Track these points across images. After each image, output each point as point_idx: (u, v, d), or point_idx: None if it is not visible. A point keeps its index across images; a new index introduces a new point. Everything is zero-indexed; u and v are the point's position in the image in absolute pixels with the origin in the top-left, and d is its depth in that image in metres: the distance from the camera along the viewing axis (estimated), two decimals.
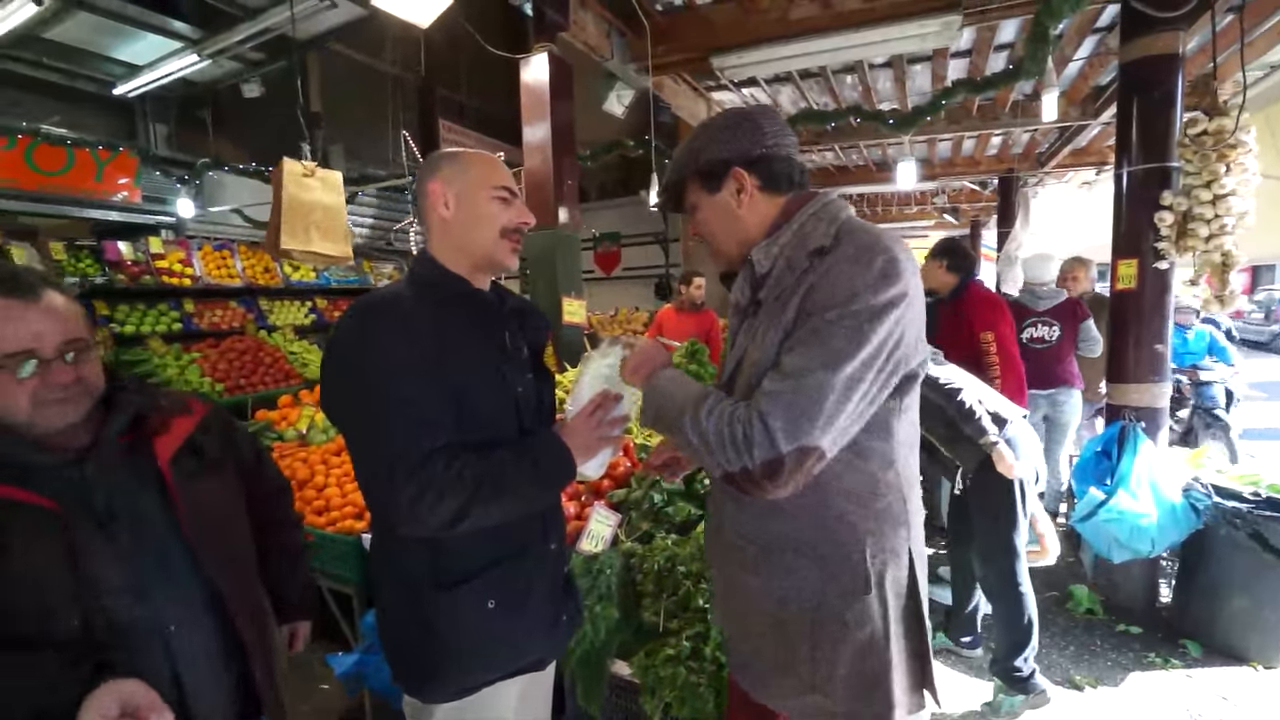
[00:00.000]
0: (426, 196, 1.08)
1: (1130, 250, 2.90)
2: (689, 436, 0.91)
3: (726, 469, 0.87)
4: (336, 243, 2.74)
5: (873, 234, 0.91)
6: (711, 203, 1.03)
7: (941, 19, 2.99)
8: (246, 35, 4.40)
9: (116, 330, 4.21)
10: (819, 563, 0.95)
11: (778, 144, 1.00)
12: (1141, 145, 2.84)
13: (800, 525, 0.96)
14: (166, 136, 5.75)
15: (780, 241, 0.97)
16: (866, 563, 0.94)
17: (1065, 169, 7.44)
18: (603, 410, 1.11)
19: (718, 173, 1.00)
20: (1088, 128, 5.60)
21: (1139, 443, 2.81)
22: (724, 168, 0.99)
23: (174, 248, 4.82)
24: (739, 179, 0.99)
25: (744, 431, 0.84)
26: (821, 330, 0.85)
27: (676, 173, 1.05)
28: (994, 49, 4.11)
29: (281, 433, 3.14)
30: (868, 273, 0.85)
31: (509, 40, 3.54)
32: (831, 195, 1.00)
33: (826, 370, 0.82)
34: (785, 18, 3.40)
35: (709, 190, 1.02)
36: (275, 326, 5.18)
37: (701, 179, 1.02)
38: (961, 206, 10.83)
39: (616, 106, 4.25)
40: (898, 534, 0.96)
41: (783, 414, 0.82)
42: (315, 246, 2.67)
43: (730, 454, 0.85)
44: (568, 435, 1.07)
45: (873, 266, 0.85)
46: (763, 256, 0.99)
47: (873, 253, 0.87)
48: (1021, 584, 2.19)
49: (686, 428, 0.91)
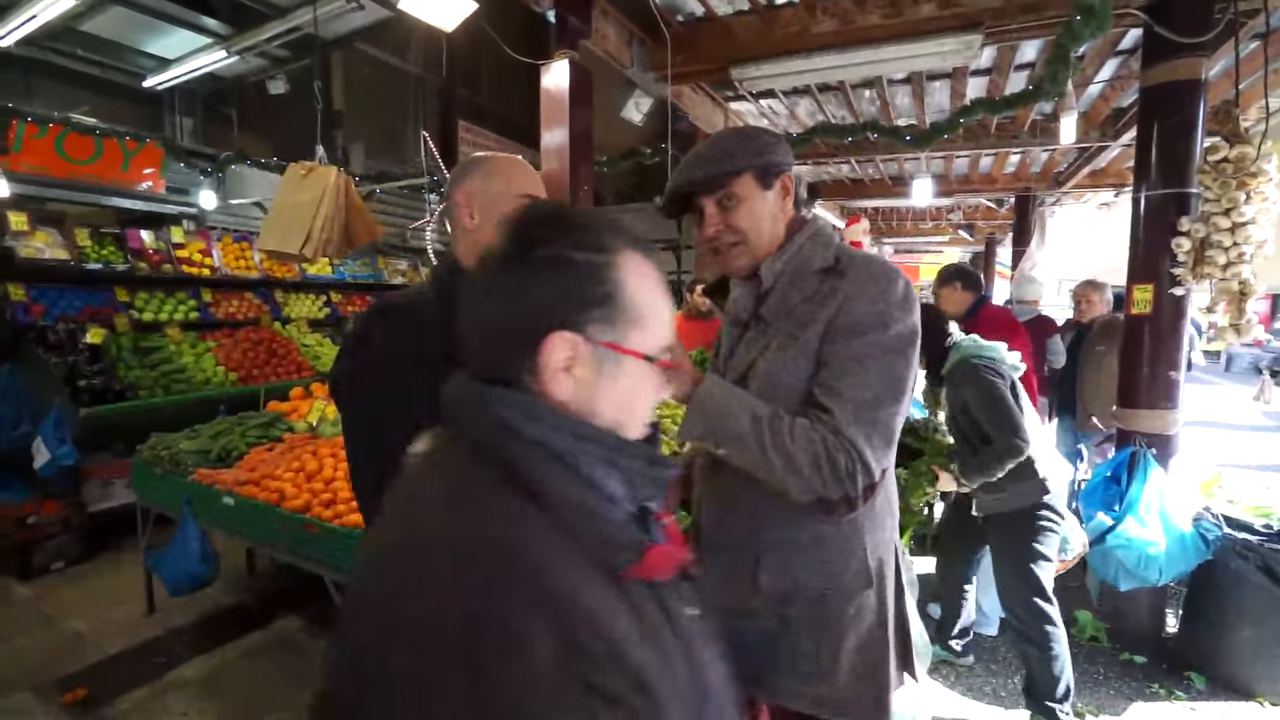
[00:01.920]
0: (454, 206, 1.11)
1: (1146, 275, 2.88)
2: (766, 457, 0.91)
3: (822, 494, 0.91)
4: (293, 239, 2.68)
5: (876, 258, 0.99)
6: (762, 198, 1.04)
7: (962, 38, 2.99)
8: (275, 33, 4.49)
9: (136, 317, 4.29)
10: (823, 563, 1.00)
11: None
12: (1161, 170, 2.82)
13: (805, 529, 1.00)
14: (192, 129, 5.87)
15: (782, 259, 1.04)
16: (868, 559, 1.00)
17: (1083, 190, 7.38)
18: None
19: (773, 172, 1.03)
20: (1107, 149, 5.56)
21: (1149, 469, 2.78)
22: (779, 170, 1.04)
23: (194, 238, 4.90)
24: (787, 185, 1.05)
25: (846, 463, 0.89)
26: (871, 358, 0.92)
27: (733, 162, 1.02)
28: (1014, 68, 4.10)
29: (292, 424, 3.18)
30: (892, 295, 0.93)
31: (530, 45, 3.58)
32: (819, 219, 1.08)
33: (894, 401, 0.92)
34: (806, 31, 3.41)
35: (764, 185, 1.03)
36: (289, 318, 5.24)
37: (760, 173, 1.03)
38: (977, 223, 10.76)
39: (635, 114, 4.29)
40: (887, 526, 1.04)
41: (871, 444, 0.90)
42: (276, 245, 2.66)
43: (831, 483, 0.89)
44: None
45: (895, 290, 0.94)
46: (767, 272, 1.04)
47: (891, 278, 0.95)
48: (1052, 619, 2.16)
49: (764, 447, 0.90)
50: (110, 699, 2.39)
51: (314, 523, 2.16)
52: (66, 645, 2.75)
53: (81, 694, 2.39)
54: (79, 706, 2.34)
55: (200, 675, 2.55)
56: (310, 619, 2.94)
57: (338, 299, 5.81)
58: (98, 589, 3.29)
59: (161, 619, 2.96)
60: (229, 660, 2.66)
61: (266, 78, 5.38)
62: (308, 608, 3.00)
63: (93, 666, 2.60)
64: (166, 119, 5.74)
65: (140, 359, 4.05)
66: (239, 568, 3.40)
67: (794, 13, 3.46)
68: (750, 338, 1.04)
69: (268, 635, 2.85)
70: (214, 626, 2.92)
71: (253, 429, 3.09)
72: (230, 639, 2.80)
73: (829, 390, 0.92)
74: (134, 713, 2.33)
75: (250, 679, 2.53)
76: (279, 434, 3.07)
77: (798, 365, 0.96)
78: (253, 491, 2.44)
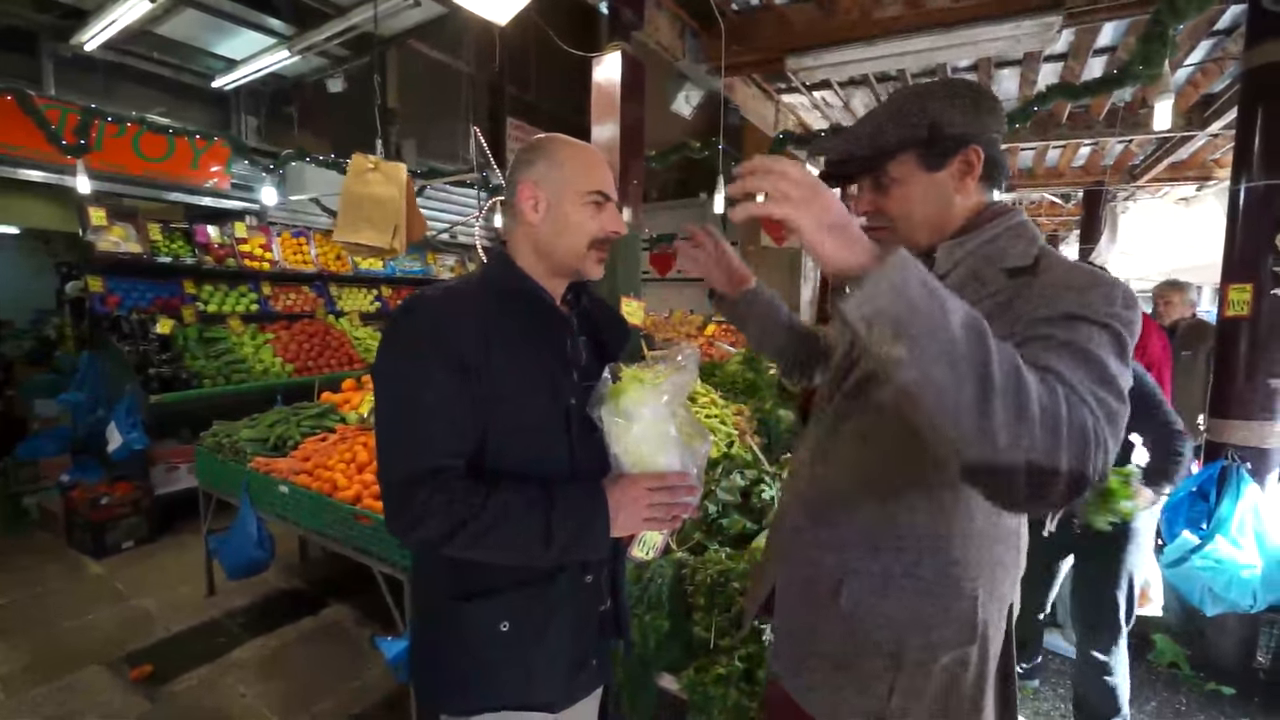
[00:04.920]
0: (517, 194, 1.00)
1: (1245, 274, 2.64)
2: (982, 387, 0.57)
3: (1046, 463, 0.58)
4: (382, 233, 2.74)
5: (1082, 264, 0.78)
6: (926, 180, 0.85)
7: (1040, 19, 2.80)
8: (334, 32, 4.60)
9: (201, 309, 4.48)
10: (919, 607, 0.85)
11: (1002, 135, 0.86)
12: (1264, 159, 2.57)
13: (908, 561, 0.85)
14: (256, 128, 6.09)
15: (968, 246, 0.84)
16: (977, 611, 0.83)
17: (1160, 183, 6.90)
18: (669, 494, 0.92)
19: (949, 148, 0.83)
20: (1191, 139, 5.17)
21: (1243, 485, 2.55)
22: (959, 143, 0.83)
23: (256, 233, 5.08)
24: (971, 159, 0.83)
25: (1095, 434, 0.60)
26: (1088, 348, 0.66)
27: (889, 139, 0.85)
28: (1092, 53, 3.83)
29: (344, 415, 3.25)
30: (1114, 295, 0.71)
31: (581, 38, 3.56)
32: (1023, 213, 0.88)
33: (1120, 399, 0.65)
34: (867, 17, 3.27)
35: (928, 166, 0.84)
36: (343, 312, 5.39)
37: (924, 150, 0.84)
38: (1040, 219, 10.22)
39: (685, 107, 4.21)
40: (1007, 580, 0.87)
41: (1111, 424, 0.63)
42: (361, 238, 2.71)
43: (1070, 448, 0.58)
44: (614, 497, 0.92)
45: (1114, 292, 0.72)
46: (945, 256, 0.85)
47: (1105, 280, 0.73)
48: (1122, 641, 2.03)
49: (984, 370, 0.57)
50: (174, 676, 2.49)
51: (365, 514, 2.18)
52: (134, 622, 2.89)
53: (148, 670, 2.49)
54: (145, 682, 2.44)
55: (257, 657, 2.63)
56: (358, 608, 3.00)
57: (388, 293, 5.95)
58: (163, 569, 3.44)
59: (221, 600, 3.07)
60: (284, 643, 2.74)
61: (325, 76, 5.53)
62: (357, 596, 3.06)
63: (158, 644, 2.71)
64: (233, 118, 5.98)
65: (205, 349, 4.23)
66: (292, 554, 3.50)
67: None
68: None
69: (319, 621, 2.93)
70: (269, 610, 3.01)
71: (307, 419, 3.17)
72: (284, 623, 2.88)
73: (1045, 368, 0.64)
74: (196, 690, 2.41)
75: (304, 663, 2.60)
76: (331, 425, 3.13)
77: None
78: (306, 481, 2.49)
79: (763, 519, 2.03)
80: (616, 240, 1.04)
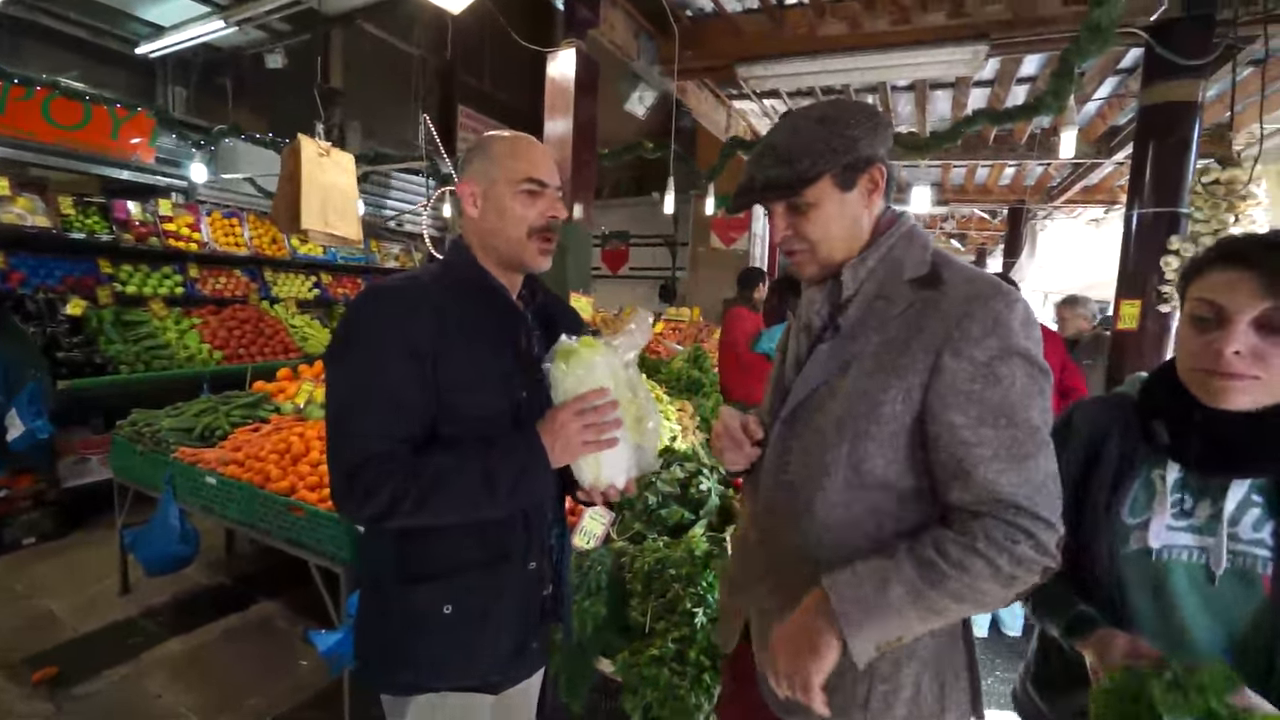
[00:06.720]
0: (459, 193, 1.06)
1: (1135, 291, 2.93)
2: (946, 607, 0.78)
3: (1025, 591, 0.78)
4: (350, 224, 2.75)
5: (977, 271, 0.86)
6: (842, 201, 0.88)
7: (970, 47, 3.02)
8: (276, 5, 4.40)
9: (119, 290, 4.20)
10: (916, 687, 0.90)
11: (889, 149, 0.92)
12: (1154, 189, 2.87)
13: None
14: (185, 100, 5.73)
15: (868, 264, 0.89)
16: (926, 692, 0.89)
17: (1075, 204, 7.50)
18: (595, 413, 0.96)
19: (860, 168, 0.87)
20: (1100, 166, 5.65)
21: None
22: (867, 163, 0.87)
23: (183, 211, 4.80)
24: (876, 177, 0.88)
25: (1024, 543, 0.75)
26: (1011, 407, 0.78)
27: (808, 165, 0.86)
28: (1016, 81, 4.14)
29: (279, 405, 3.13)
30: (1012, 319, 0.79)
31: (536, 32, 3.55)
32: (910, 216, 0.93)
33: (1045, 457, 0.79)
34: (814, 33, 3.42)
35: (844, 186, 0.88)
36: (278, 298, 5.16)
37: (842, 174, 0.87)
38: (970, 233, 10.89)
39: (639, 107, 4.27)
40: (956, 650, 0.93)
41: (1037, 494, 0.77)
42: (331, 228, 2.68)
43: (1023, 576, 0.76)
44: (546, 430, 0.95)
45: (1016, 313, 0.79)
46: (850, 276, 0.89)
47: (1006, 294, 0.80)
48: None
49: (934, 602, 0.77)
50: (83, 678, 2.34)
51: (300, 505, 2.13)
52: (37, 623, 2.69)
53: (52, 672, 2.33)
54: (48, 685, 2.29)
55: (177, 656, 2.51)
56: (289, 604, 2.91)
57: (328, 280, 5.74)
58: (71, 566, 3.22)
59: (137, 599, 2.90)
60: (206, 642, 2.62)
61: (264, 51, 5.27)
62: (287, 591, 2.96)
63: (64, 645, 2.54)
64: (159, 88, 5.61)
65: (122, 333, 3.97)
66: (217, 548, 3.35)
67: (803, 14, 3.47)
68: (825, 351, 0.90)
69: (246, 618, 2.82)
70: (192, 608, 2.87)
71: (237, 409, 3.04)
72: (208, 621, 2.76)
73: (958, 473, 0.79)
74: (108, 692, 2.28)
75: (229, 662, 2.50)
76: (265, 415, 3.01)
77: (890, 397, 0.82)
78: (236, 472, 2.39)
79: (700, 509, 2.11)
80: (567, 235, 1.09)
